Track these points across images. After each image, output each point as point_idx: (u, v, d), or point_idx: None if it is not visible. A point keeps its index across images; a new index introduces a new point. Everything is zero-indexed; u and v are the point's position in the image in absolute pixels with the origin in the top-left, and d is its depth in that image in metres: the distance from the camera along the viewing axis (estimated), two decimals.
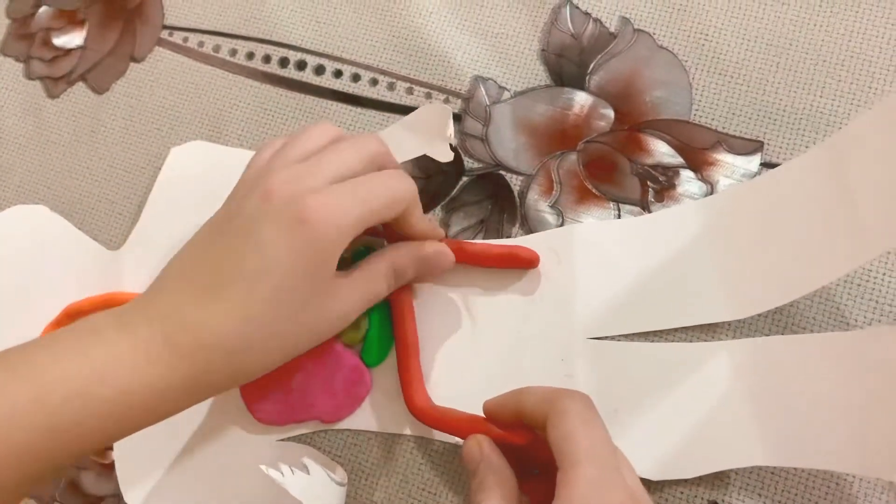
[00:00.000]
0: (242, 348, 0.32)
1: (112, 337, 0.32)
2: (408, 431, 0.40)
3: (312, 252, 0.32)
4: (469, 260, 0.41)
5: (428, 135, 0.40)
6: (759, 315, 0.38)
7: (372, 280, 0.36)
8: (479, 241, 0.42)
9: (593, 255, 0.40)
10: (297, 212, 0.32)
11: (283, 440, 0.41)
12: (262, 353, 0.33)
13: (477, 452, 0.33)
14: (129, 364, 0.31)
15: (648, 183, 0.42)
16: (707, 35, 0.44)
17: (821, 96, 0.41)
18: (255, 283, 0.32)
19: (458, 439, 0.39)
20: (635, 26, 0.44)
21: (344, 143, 0.36)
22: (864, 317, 0.38)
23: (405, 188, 0.35)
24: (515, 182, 0.43)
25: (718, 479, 0.36)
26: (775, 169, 0.39)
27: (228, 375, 0.33)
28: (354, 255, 0.41)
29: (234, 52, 0.49)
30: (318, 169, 0.34)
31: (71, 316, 0.44)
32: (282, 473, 0.32)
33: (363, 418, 0.40)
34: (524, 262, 0.40)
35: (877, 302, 0.38)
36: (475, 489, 0.32)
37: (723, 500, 0.36)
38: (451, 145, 0.39)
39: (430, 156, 0.40)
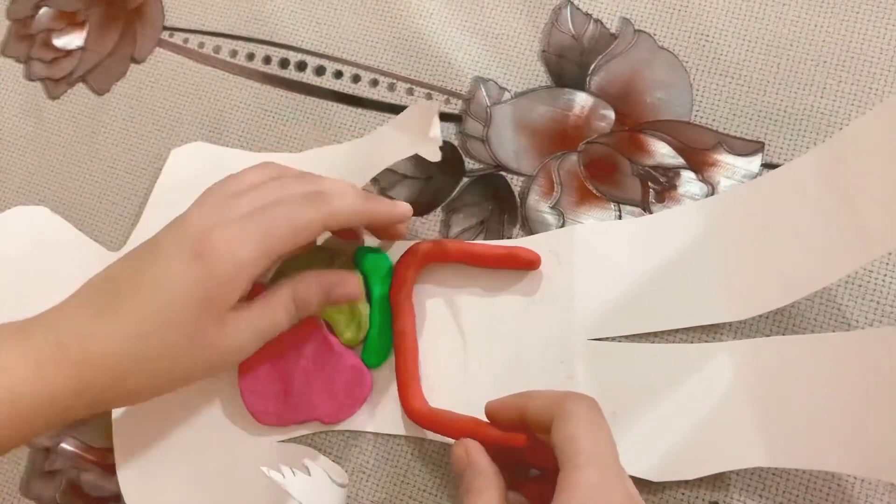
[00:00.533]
0: (130, 364, 0.33)
1: (8, 344, 0.33)
2: (408, 433, 0.40)
3: (208, 284, 0.32)
4: (470, 260, 0.41)
5: (416, 134, 0.40)
6: (760, 316, 0.38)
7: (269, 312, 0.35)
8: (480, 241, 0.42)
9: (594, 256, 0.40)
10: (198, 245, 0.33)
11: (283, 441, 0.41)
12: (149, 373, 0.33)
13: (463, 457, 0.33)
14: (19, 369, 0.32)
15: (649, 184, 0.42)
16: (708, 36, 0.44)
17: (821, 97, 0.41)
18: (148, 306, 0.33)
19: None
20: (636, 27, 0.44)
21: (282, 207, 0.35)
22: (866, 317, 0.38)
23: (313, 210, 0.35)
24: (516, 183, 0.43)
25: (719, 480, 0.36)
26: (776, 170, 0.39)
27: (114, 392, 0.33)
28: (358, 257, 0.41)
29: (234, 53, 0.49)
30: (235, 203, 0.34)
31: None
32: (283, 474, 0.32)
33: (364, 419, 0.40)
34: (525, 263, 0.40)
35: (878, 303, 0.38)
36: (462, 493, 0.32)
37: (724, 501, 0.36)
38: (442, 145, 0.39)
39: (420, 155, 0.40)
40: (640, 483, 0.36)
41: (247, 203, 0.34)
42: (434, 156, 0.39)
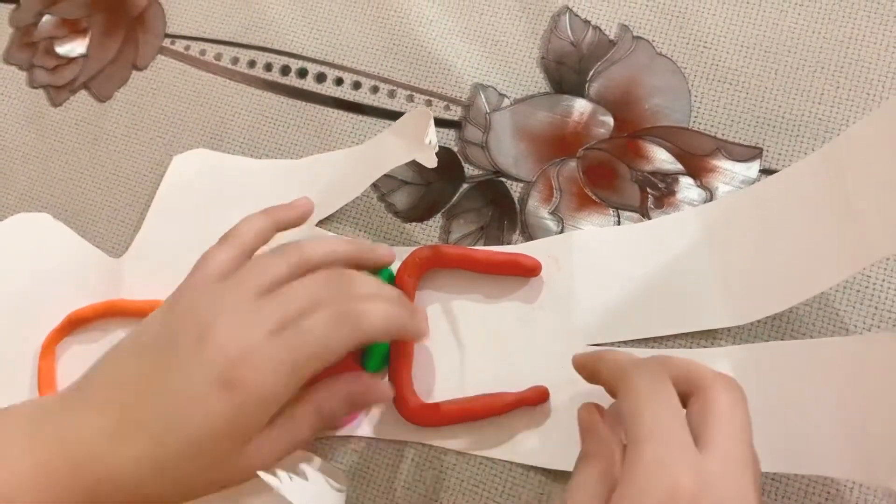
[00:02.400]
0: (147, 490, 0.32)
1: (18, 455, 0.31)
2: (408, 438, 0.40)
3: (235, 418, 0.31)
4: (470, 266, 0.41)
5: (413, 140, 0.40)
6: (759, 321, 0.38)
7: (295, 432, 0.34)
8: (480, 247, 0.42)
9: (593, 261, 0.40)
10: (226, 374, 0.31)
11: None
12: (166, 496, 0.32)
13: (586, 420, 0.33)
14: (31, 485, 0.30)
15: (648, 189, 0.42)
16: (706, 42, 0.44)
17: (819, 103, 0.41)
18: (171, 435, 0.31)
19: (458, 445, 0.39)
20: (634, 34, 0.45)
21: (314, 331, 0.33)
22: (864, 323, 0.38)
23: (345, 331, 0.33)
24: (515, 189, 0.43)
25: None
26: (774, 175, 0.39)
27: None
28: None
29: (235, 61, 0.50)
30: (260, 313, 0.33)
31: (73, 323, 0.44)
32: (280, 479, 0.32)
33: (364, 424, 0.40)
34: (526, 270, 0.40)
35: (876, 308, 0.38)
36: (580, 457, 0.31)
37: None
38: (439, 150, 0.39)
39: (418, 161, 0.41)
40: None
41: (274, 315, 0.33)
42: (431, 161, 0.39)
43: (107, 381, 0.33)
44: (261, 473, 0.31)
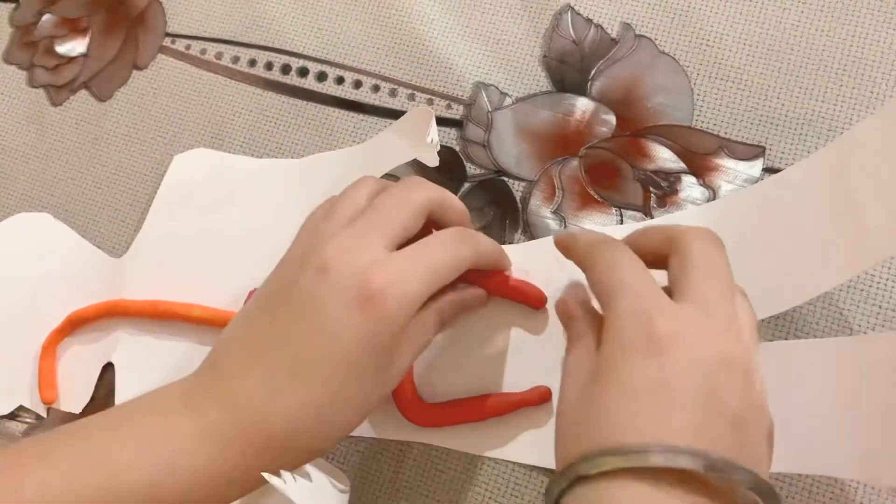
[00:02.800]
0: (314, 432, 0.32)
1: (180, 423, 0.31)
2: (411, 438, 0.40)
3: (382, 328, 0.31)
4: (474, 281, 0.40)
5: (414, 139, 0.40)
6: (762, 320, 0.38)
7: (424, 335, 0.35)
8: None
9: None
10: (362, 289, 0.31)
11: None
12: (336, 431, 0.32)
13: (564, 310, 0.34)
14: (199, 452, 0.30)
15: (651, 188, 0.42)
16: (708, 41, 0.44)
17: (822, 101, 0.41)
18: (327, 368, 0.31)
19: (460, 445, 0.39)
20: (637, 32, 0.45)
21: (389, 198, 0.34)
22: (868, 322, 0.37)
23: (468, 250, 0.34)
24: (517, 188, 0.43)
25: None
26: (777, 174, 0.39)
27: (296, 459, 0.32)
28: None
29: (236, 60, 0.50)
30: (370, 231, 0.33)
31: (74, 323, 0.44)
32: (284, 480, 0.32)
33: (366, 424, 0.40)
34: (532, 301, 0.39)
35: (880, 307, 0.38)
36: (567, 345, 0.32)
37: None
38: (440, 149, 0.39)
39: (419, 160, 0.41)
40: None
41: (385, 233, 0.33)
42: (432, 160, 0.39)
43: (244, 345, 0.33)
44: (264, 474, 0.30)
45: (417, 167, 0.44)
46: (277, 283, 0.34)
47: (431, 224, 0.35)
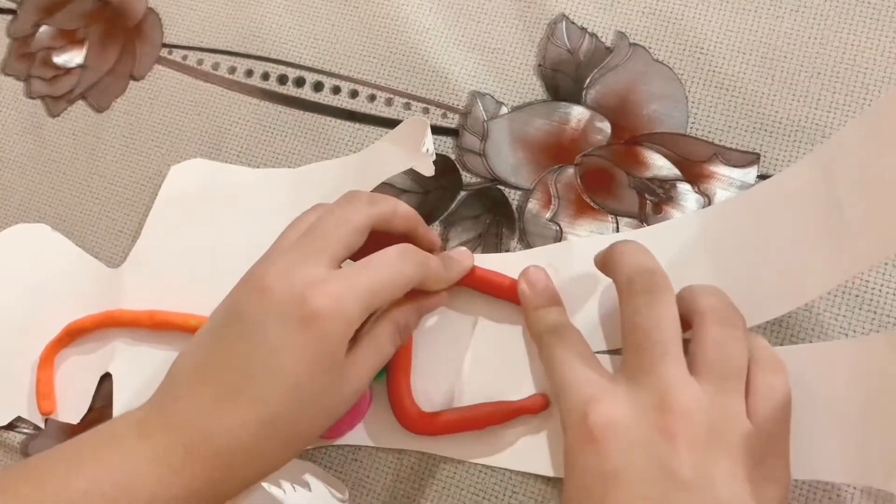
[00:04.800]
0: (262, 449, 0.32)
1: (133, 447, 0.32)
2: (409, 447, 0.40)
3: (323, 347, 0.32)
4: (476, 286, 0.40)
5: (410, 149, 0.40)
6: (757, 326, 0.38)
7: (379, 349, 0.35)
8: (482, 254, 0.42)
9: (592, 269, 0.40)
10: (300, 309, 0.32)
11: None
12: (280, 449, 0.33)
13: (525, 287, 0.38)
14: (151, 476, 0.31)
15: (646, 196, 0.42)
16: (702, 48, 0.44)
17: (816, 108, 0.42)
18: (269, 387, 0.32)
19: (457, 453, 0.39)
20: (631, 40, 0.45)
21: (328, 217, 0.35)
22: (863, 327, 0.38)
23: (411, 269, 0.35)
24: (513, 196, 0.43)
25: None
26: (767, 180, 0.39)
27: (248, 476, 0.33)
28: None
29: (233, 70, 0.50)
30: (310, 252, 0.34)
31: (71, 334, 0.44)
32: (283, 490, 0.32)
33: (364, 434, 0.40)
34: None
35: (875, 312, 0.38)
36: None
37: None
38: (436, 159, 0.39)
39: (415, 169, 0.41)
40: None
41: (324, 252, 0.34)
42: (428, 170, 0.39)
43: (192, 367, 0.34)
44: (264, 484, 0.31)
45: (413, 176, 0.44)
46: (225, 307, 0.35)
47: (380, 235, 0.36)
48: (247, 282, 0.34)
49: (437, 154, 0.44)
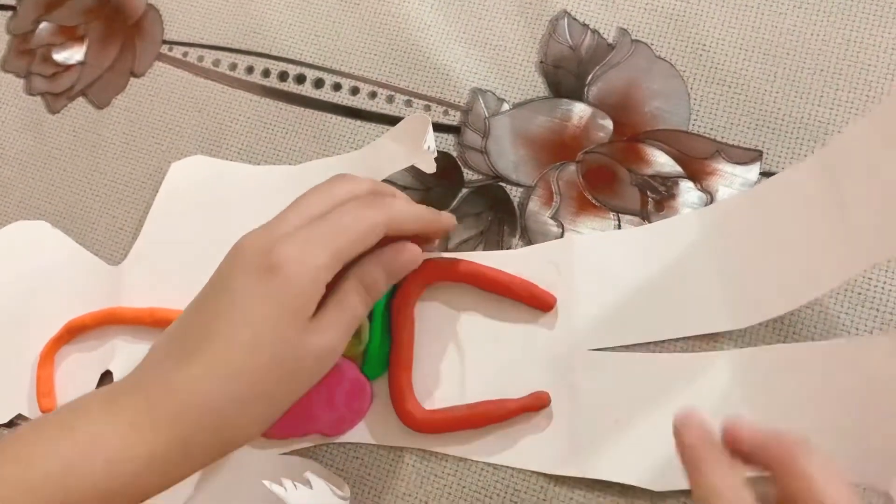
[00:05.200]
0: (227, 404, 0.31)
1: (97, 412, 0.31)
2: (410, 444, 0.40)
3: (287, 298, 0.31)
4: (481, 284, 0.40)
5: (411, 146, 0.40)
6: (759, 324, 0.38)
7: (347, 307, 0.34)
8: (483, 254, 0.42)
9: (593, 266, 0.40)
10: (265, 261, 0.32)
11: (285, 454, 0.41)
12: (249, 408, 0.32)
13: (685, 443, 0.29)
14: (112, 436, 0.30)
15: (648, 193, 0.42)
16: (705, 45, 0.44)
17: (819, 105, 0.41)
18: (228, 336, 0.31)
19: (459, 451, 0.39)
20: (633, 37, 0.45)
21: (311, 190, 0.35)
22: (865, 325, 0.38)
23: (377, 214, 0.34)
24: (515, 194, 0.43)
25: None
26: (772, 178, 0.39)
27: (217, 437, 0.32)
28: None
29: (233, 67, 0.50)
30: (284, 216, 0.34)
31: (72, 331, 0.44)
32: (285, 488, 0.32)
33: (365, 431, 0.40)
34: (540, 304, 0.40)
35: (877, 310, 0.38)
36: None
37: None
38: (437, 156, 0.39)
39: (416, 166, 0.41)
40: (642, 493, 0.36)
41: (299, 214, 0.34)
42: (429, 167, 0.39)
43: (164, 338, 0.34)
44: (266, 482, 0.30)
45: (414, 174, 0.44)
46: (210, 279, 0.35)
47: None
48: (233, 251, 0.34)
49: (438, 151, 0.44)
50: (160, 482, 0.31)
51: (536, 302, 0.40)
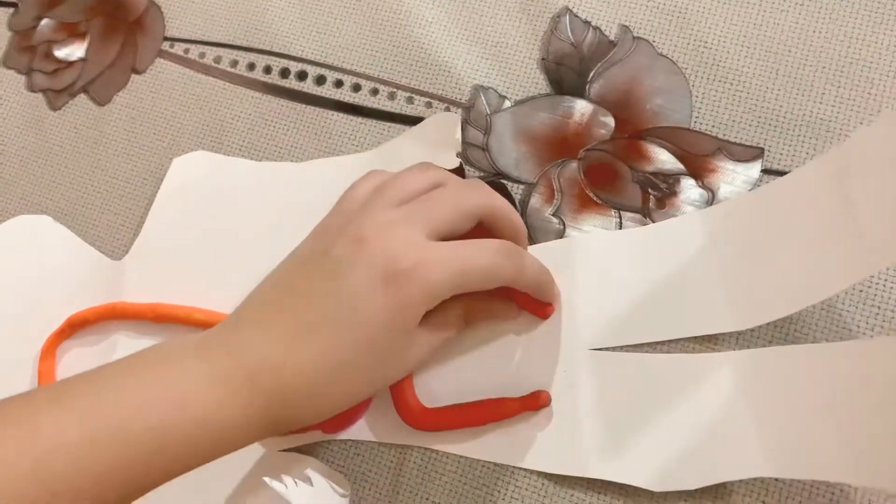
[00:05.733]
0: (323, 392, 0.32)
1: (192, 365, 0.32)
2: (411, 442, 0.40)
3: (401, 310, 0.32)
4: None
5: (436, 143, 0.40)
6: (761, 325, 0.38)
7: (447, 328, 0.36)
8: None
9: (595, 265, 0.40)
10: (391, 267, 0.32)
11: (285, 451, 0.41)
12: (339, 398, 0.33)
13: None
14: (209, 395, 0.31)
15: (649, 190, 0.42)
16: (706, 42, 0.44)
17: (820, 102, 0.41)
18: (344, 333, 0.32)
19: (460, 449, 0.39)
20: (635, 34, 0.45)
21: (445, 192, 0.35)
22: (867, 323, 0.37)
23: (510, 267, 0.34)
24: (517, 191, 0.43)
25: (721, 490, 0.36)
26: (778, 180, 0.39)
27: (302, 417, 0.33)
28: None
29: (234, 63, 0.50)
30: (416, 218, 0.33)
31: (73, 326, 0.44)
32: (285, 485, 0.32)
33: (366, 428, 0.40)
34: (536, 311, 0.40)
35: (879, 308, 0.38)
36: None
37: None
38: (457, 152, 0.39)
39: (436, 163, 0.41)
40: (642, 493, 0.36)
41: (428, 222, 0.33)
42: (452, 162, 0.40)
43: (270, 297, 0.34)
44: (266, 479, 0.31)
45: None
46: (311, 247, 0.35)
47: (484, 230, 0.36)
48: (339, 227, 0.34)
49: None
50: (242, 443, 0.32)
51: (534, 308, 0.39)
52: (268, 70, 0.49)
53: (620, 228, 0.41)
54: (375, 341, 0.32)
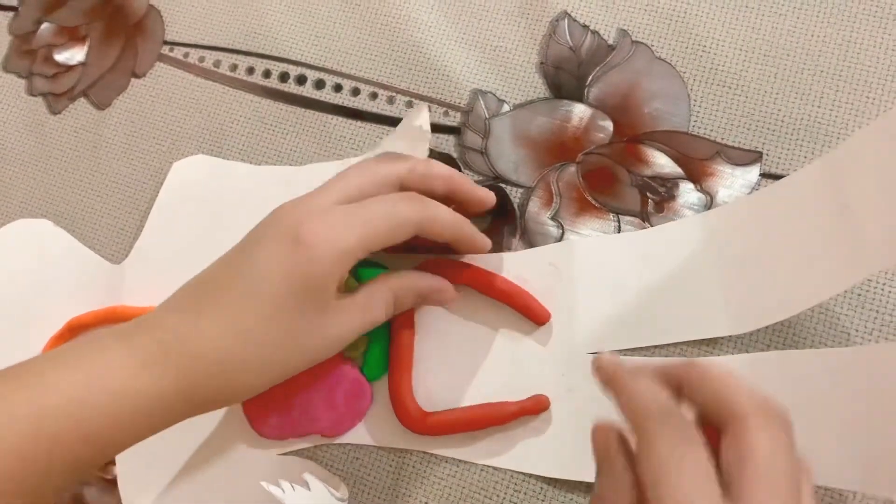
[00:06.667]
0: (234, 361, 0.33)
1: (109, 345, 0.33)
2: (409, 446, 0.40)
3: (307, 272, 0.32)
4: (480, 288, 0.40)
5: (410, 136, 0.40)
6: (759, 328, 0.38)
7: (371, 307, 0.36)
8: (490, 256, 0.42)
9: (594, 269, 0.40)
10: (295, 232, 0.32)
11: (284, 454, 0.41)
12: (254, 369, 0.33)
13: (602, 446, 0.29)
14: (122, 369, 0.32)
15: (648, 194, 0.42)
16: (705, 46, 0.44)
17: (819, 106, 0.41)
18: (247, 298, 0.32)
19: (458, 453, 0.39)
20: (633, 38, 0.45)
21: (356, 167, 0.36)
22: (865, 327, 0.37)
23: (412, 212, 0.35)
24: (515, 195, 0.43)
25: None
26: (775, 183, 0.39)
27: (220, 389, 0.33)
28: (361, 273, 0.41)
29: (234, 67, 0.50)
30: (325, 190, 0.35)
31: (73, 330, 0.44)
32: (282, 489, 0.32)
33: (365, 432, 0.40)
34: (533, 316, 0.40)
35: (877, 312, 0.38)
36: (595, 495, 0.28)
37: None
38: (437, 156, 0.39)
39: (412, 154, 0.41)
40: None
41: (339, 192, 0.34)
42: (423, 151, 0.40)
43: (192, 282, 0.35)
44: (264, 483, 0.31)
45: None
46: (243, 237, 0.36)
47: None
48: (268, 215, 0.35)
49: (438, 152, 0.44)
50: (163, 419, 0.33)
51: (531, 314, 0.39)
52: (267, 74, 0.49)
53: (619, 232, 0.41)
54: (283, 308, 0.32)
